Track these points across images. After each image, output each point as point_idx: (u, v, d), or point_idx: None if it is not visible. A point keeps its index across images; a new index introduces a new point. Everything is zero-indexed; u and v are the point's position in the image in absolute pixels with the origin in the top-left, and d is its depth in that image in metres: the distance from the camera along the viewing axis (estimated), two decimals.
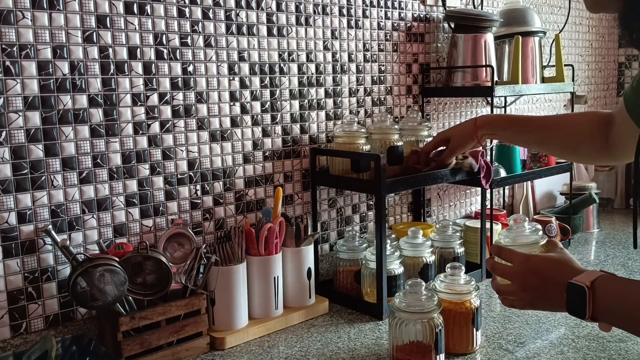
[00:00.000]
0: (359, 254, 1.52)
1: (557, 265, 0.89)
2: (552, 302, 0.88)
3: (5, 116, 1.12)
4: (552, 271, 0.88)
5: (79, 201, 1.23)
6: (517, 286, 0.92)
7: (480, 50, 1.81)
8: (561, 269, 0.88)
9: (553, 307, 0.89)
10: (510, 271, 0.93)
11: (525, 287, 0.91)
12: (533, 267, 0.90)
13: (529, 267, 0.90)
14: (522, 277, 0.91)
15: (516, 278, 0.92)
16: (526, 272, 0.90)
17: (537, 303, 0.91)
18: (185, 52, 1.35)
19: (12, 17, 1.12)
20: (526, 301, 0.92)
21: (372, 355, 1.24)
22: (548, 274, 0.88)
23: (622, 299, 0.79)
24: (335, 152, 1.55)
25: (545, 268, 0.89)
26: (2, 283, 1.15)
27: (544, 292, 0.88)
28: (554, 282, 0.87)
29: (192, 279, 1.27)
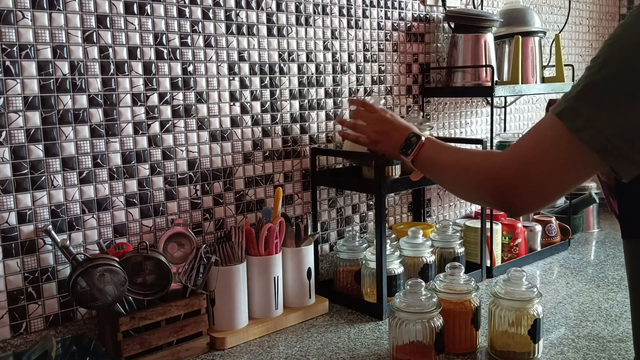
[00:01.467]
0: (359, 254, 1.52)
1: (404, 122, 1.25)
2: (391, 143, 1.21)
3: (5, 116, 1.13)
4: (401, 123, 1.24)
5: (79, 201, 1.23)
6: (372, 127, 1.28)
7: (480, 50, 1.81)
8: (407, 124, 1.23)
9: (388, 147, 1.23)
10: (371, 117, 1.30)
11: (377, 128, 1.27)
12: (389, 117, 1.27)
13: (387, 116, 1.27)
14: (378, 121, 1.27)
15: (373, 121, 1.29)
16: (383, 118, 1.27)
17: (380, 142, 1.26)
18: (185, 52, 1.35)
19: (12, 17, 1.12)
20: (373, 138, 1.28)
21: (372, 355, 1.24)
22: (398, 124, 1.24)
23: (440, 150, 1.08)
24: (335, 152, 1.55)
25: (397, 120, 1.26)
26: (2, 283, 1.15)
27: (389, 135, 1.23)
28: (401, 129, 1.21)
29: (192, 279, 1.27)
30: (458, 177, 0.99)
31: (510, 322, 1.21)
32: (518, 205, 0.84)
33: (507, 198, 0.84)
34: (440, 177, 1.08)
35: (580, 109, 0.74)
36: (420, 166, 1.13)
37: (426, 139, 1.12)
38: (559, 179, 0.79)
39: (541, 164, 0.79)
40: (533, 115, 2.39)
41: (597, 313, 1.43)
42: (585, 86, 0.74)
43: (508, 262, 1.76)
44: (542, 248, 1.90)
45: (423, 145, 1.11)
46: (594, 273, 1.72)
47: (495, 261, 1.73)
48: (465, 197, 1.02)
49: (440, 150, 1.09)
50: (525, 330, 1.20)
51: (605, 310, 1.44)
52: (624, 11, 2.84)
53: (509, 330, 1.21)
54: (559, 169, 0.78)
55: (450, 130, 2.03)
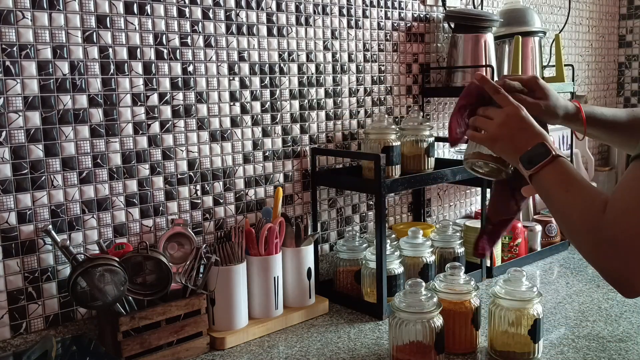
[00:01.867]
0: (359, 254, 1.52)
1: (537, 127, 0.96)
2: (512, 147, 0.95)
3: (5, 116, 1.12)
4: (534, 126, 0.95)
5: (79, 201, 1.23)
6: (497, 123, 0.97)
7: (480, 50, 1.81)
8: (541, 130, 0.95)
9: (507, 151, 0.97)
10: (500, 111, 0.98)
11: (503, 125, 0.97)
12: (523, 116, 0.96)
13: (519, 113, 0.97)
14: (507, 117, 0.97)
15: (502, 117, 0.97)
16: (514, 115, 0.96)
17: (502, 141, 0.97)
18: (185, 52, 1.35)
19: (12, 17, 1.12)
20: (494, 135, 0.98)
21: (372, 355, 1.24)
22: (530, 126, 0.95)
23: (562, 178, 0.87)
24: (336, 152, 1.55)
25: (530, 123, 0.96)
26: (2, 283, 1.15)
27: (514, 136, 0.95)
28: (530, 133, 0.94)
29: (192, 279, 1.27)
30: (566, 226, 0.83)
31: (510, 322, 1.21)
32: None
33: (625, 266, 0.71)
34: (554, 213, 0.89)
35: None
36: (537, 187, 0.92)
37: (557, 158, 0.90)
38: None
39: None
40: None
41: (597, 313, 1.43)
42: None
43: (508, 262, 1.76)
44: (542, 248, 1.90)
45: (550, 163, 0.90)
46: (594, 273, 1.72)
47: (495, 261, 1.73)
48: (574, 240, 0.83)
49: (563, 177, 0.88)
50: (525, 330, 1.20)
51: (605, 310, 1.44)
52: (624, 11, 2.84)
53: (509, 330, 1.21)
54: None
55: None
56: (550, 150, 0.90)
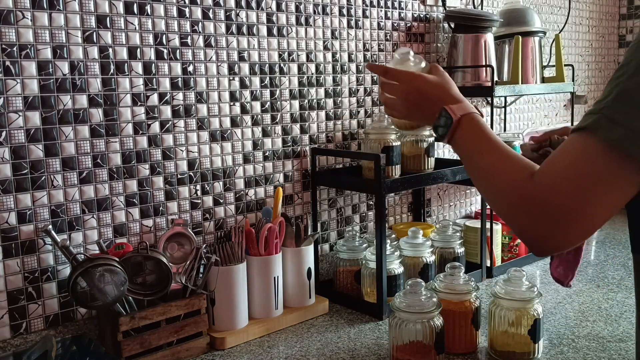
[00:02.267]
0: (359, 254, 1.52)
1: (437, 88, 0.99)
2: (425, 118, 0.99)
3: (5, 116, 1.13)
4: (431, 94, 0.98)
5: (79, 201, 1.23)
6: (400, 100, 1.03)
7: (480, 50, 1.81)
8: (440, 93, 0.98)
9: (424, 122, 1.02)
10: (396, 88, 1.03)
11: (406, 102, 1.02)
12: (416, 87, 1.00)
13: (412, 86, 1.01)
14: (405, 94, 1.02)
15: (401, 94, 1.02)
16: (409, 90, 1.01)
17: (413, 116, 1.03)
18: (185, 52, 1.35)
19: (12, 17, 1.12)
20: (404, 113, 1.04)
21: (372, 355, 1.24)
22: (428, 95, 0.98)
23: (475, 140, 0.89)
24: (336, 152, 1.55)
25: (426, 89, 0.99)
26: (2, 283, 1.15)
27: (420, 108, 1.00)
28: (432, 101, 0.97)
29: (192, 279, 1.27)
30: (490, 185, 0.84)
31: (510, 322, 1.21)
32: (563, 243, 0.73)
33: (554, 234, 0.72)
34: (472, 174, 0.90)
35: (618, 117, 0.66)
36: (458, 154, 0.93)
37: (463, 118, 0.90)
38: (606, 200, 0.69)
39: (584, 186, 0.69)
40: (533, 115, 2.39)
41: (597, 313, 1.43)
42: (618, 94, 0.67)
43: (508, 262, 1.76)
44: None
45: (457, 127, 0.91)
46: (594, 273, 1.72)
47: (495, 261, 1.73)
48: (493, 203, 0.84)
49: (476, 139, 0.88)
50: (525, 330, 1.20)
51: (605, 310, 1.44)
52: (623, 11, 2.84)
53: (509, 330, 1.21)
54: (605, 187, 0.68)
55: None
56: (450, 115, 0.91)
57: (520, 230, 0.77)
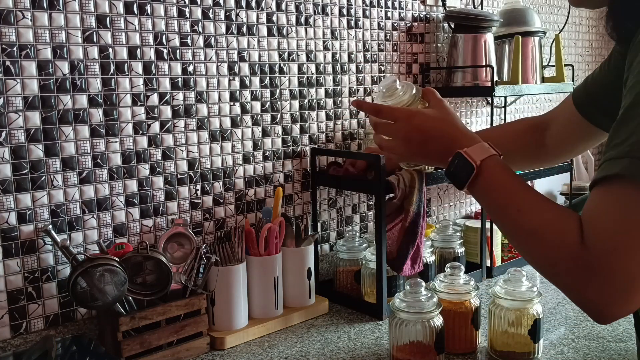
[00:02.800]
0: (359, 254, 1.52)
1: (440, 123, 0.88)
2: (431, 159, 0.89)
3: (5, 116, 1.12)
4: (435, 130, 0.88)
5: (79, 201, 1.23)
6: (401, 142, 0.90)
7: (480, 50, 1.81)
8: (445, 128, 0.88)
9: (431, 163, 0.93)
10: (393, 129, 0.91)
11: (408, 143, 0.90)
12: (417, 125, 0.88)
13: (412, 125, 0.89)
14: (405, 135, 0.90)
15: (399, 135, 0.91)
16: (410, 130, 0.89)
17: (417, 157, 0.92)
18: (185, 52, 1.35)
19: (12, 17, 1.12)
20: (407, 155, 0.93)
21: (372, 355, 1.24)
22: (432, 132, 0.88)
23: (503, 191, 0.78)
24: (336, 152, 1.55)
25: (429, 126, 0.88)
26: (2, 283, 1.15)
27: (425, 148, 0.88)
28: (437, 140, 0.87)
29: (192, 279, 1.27)
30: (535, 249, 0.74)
31: (510, 322, 1.21)
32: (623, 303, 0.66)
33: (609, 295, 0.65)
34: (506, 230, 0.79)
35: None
36: (482, 205, 0.85)
37: (484, 164, 0.79)
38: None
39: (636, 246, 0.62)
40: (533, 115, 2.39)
41: None
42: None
43: (508, 262, 1.76)
44: None
45: (479, 174, 0.80)
46: None
47: (495, 261, 1.73)
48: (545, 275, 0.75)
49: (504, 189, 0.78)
50: (525, 330, 1.20)
51: None
52: None
53: (509, 330, 1.21)
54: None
55: None
56: (469, 161, 0.80)
57: (580, 299, 0.69)
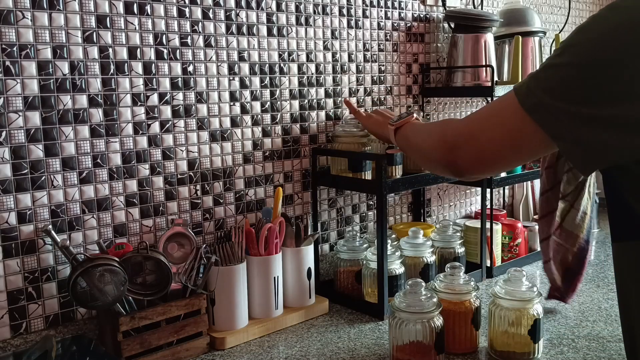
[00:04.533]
0: (359, 254, 1.52)
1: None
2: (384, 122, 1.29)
3: (5, 116, 1.12)
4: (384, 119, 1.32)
5: (79, 201, 1.23)
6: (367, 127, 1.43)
7: (480, 50, 1.81)
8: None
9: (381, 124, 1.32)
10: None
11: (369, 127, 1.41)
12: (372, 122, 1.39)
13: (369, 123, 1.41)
14: (368, 127, 1.42)
15: (367, 125, 1.42)
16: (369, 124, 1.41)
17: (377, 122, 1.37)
18: (185, 52, 1.35)
19: (12, 17, 1.12)
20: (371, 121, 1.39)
21: (372, 355, 1.24)
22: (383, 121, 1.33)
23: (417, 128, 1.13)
24: (336, 152, 1.54)
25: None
26: (2, 283, 1.15)
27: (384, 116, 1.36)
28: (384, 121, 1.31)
29: (192, 279, 1.27)
30: (423, 142, 1.04)
31: (510, 322, 1.21)
32: (461, 164, 0.88)
33: (452, 157, 0.89)
34: (412, 145, 1.12)
35: (534, 87, 0.76)
36: (400, 136, 1.17)
37: (416, 118, 1.18)
38: (505, 149, 0.82)
39: (490, 131, 0.83)
40: None
41: (597, 313, 1.43)
42: (543, 66, 0.76)
43: (508, 262, 1.76)
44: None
45: (410, 120, 1.17)
46: (594, 273, 1.72)
47: (495, 261, 1.73)
48: (424, 160, 1.08)
49: (421, 123, 1.14)
50: (525, 330, 1.20)
51: (605, 310, 1.44)
52: None
53: (509, 330, 1.21)
54: (506, 139, 0.81)
55: None
56: (412, 113, 1.21)
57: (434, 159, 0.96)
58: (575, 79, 0.71)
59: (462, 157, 0.88)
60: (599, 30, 0.71)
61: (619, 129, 0.68)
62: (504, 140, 0.82)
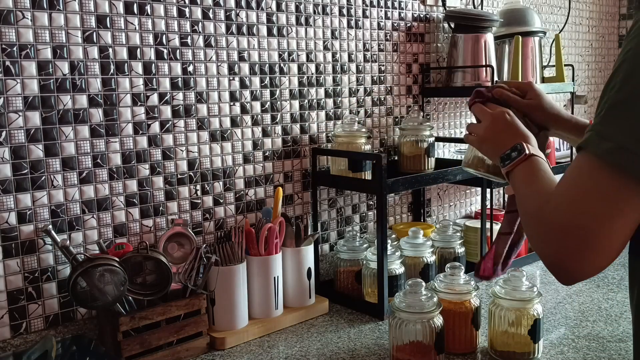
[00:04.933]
0: (359, 254, 1.52)
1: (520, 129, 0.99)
2: (494, 149, 0.99)
3: (5, 116, 1.12)
4: (517, 129, 0.99)
5: (79, 201, 1.23)
6: (485, 124, 1.03)
7: (480, 50, 1.81)
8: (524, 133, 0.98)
9: (490, 153, 1.02)
10: (489, 113, 1.04)
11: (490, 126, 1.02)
12: (506, 119, 1.01)
13: (505, 118, 1.01)
14: (494, 119, 1.02)
15: (489, 117, 1.03)
16: (499, 118, 1.02)
17: (486, 143, 1.03)
18: (185, 52, 1.35)
19: (12, 17, 1.12)
20: (481, 139, 1.03)
21: (372, 355, 1.24)
22: (513, 128, 0.99)
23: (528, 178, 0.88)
24: (336, 152, 1.55)
25: (515, 125, 1.00)
26: (2, 283, 1.15)
27: (497, 138, 0.99)
28: (511, 135, 0.97)
29: (192, 279, 1.27)
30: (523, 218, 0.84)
31: (510, 322, 1.21)
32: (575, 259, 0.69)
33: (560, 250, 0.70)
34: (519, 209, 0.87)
35: (606, 131, 0.65)
36: (511, 184, 0.94)
37: (531, 156, 0.90)
38: (614, 223, 0.66)
39: (589, 203, 0.67)
40: None
41: (597, 313, 1.43)
42: (608, 108, 0.66)
43: None
44: None
45: (523, 162, 0.90)
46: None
47: None
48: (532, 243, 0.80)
49: (531, 174, 0.88)
50: (525, 330, 1.20)
51: (605, 310, 1.44)
52: (623, 11, 2.84)
53: (509, 330, 1.21)
54: (608, 203, 0.66)
55: (450, 130, 2.03)
56: (524, 149, 0.91)
57: (542, 256, 0.74)
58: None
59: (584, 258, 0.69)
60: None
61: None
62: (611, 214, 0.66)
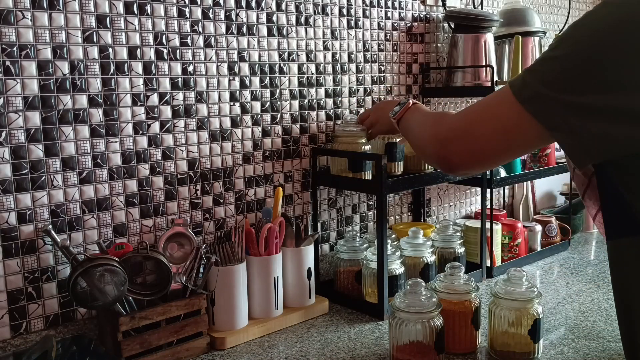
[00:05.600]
0: (359, 254, 1.52)
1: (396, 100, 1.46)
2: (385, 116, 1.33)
3: (5, 116, 1.13)
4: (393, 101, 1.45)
5: (79, 201, 1.23)
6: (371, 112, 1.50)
7: (480, 50, 1.81)
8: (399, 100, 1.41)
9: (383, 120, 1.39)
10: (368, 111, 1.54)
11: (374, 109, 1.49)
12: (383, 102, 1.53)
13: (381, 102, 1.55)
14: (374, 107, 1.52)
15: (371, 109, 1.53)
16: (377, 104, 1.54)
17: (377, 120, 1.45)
18: (185, 52, 1.35)
19: (12, 17, 1.12)
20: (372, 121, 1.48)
21: (372, 355, 1.24)
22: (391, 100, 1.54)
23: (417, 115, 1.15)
24: (336, 152, 1.54)
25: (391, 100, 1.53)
26: (2, 283, 1.15)
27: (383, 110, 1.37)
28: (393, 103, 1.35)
29: (192, 279, 1.27)
30: (419, 134, 1.05)
31: (510, 322, 1.21)
32: (453, 160, 0.89)
33: (444, 152, 0.90)
34: (411, 136, 1.13)
35: (530, 80, 0.77)
36: (402, 127, 1.18)
37: (415, 104, 1.18)
38: (498, 144, 0.83)
39: (483, 125, 0.84)
40: None
41: (597, 313, 1.43)
42: (539, 60, 0.77)
43: (508, 262, 1.76)
44: (542, 248, 1.90)
45: (409, 107, 1.17)
46: (594, 273, 1.72)
47: (495, 261, 1.73)
48: (420, 154, 1.08)
49: (420, 111, 1.15)
50: (525, 330, 1.20)
51: (605, 310, 1.44)
52: None
53: (509, 330, 1.21)
54: (500, 133, 0.81)
55: None
56: (408, 101, 1.19)
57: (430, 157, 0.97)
58: (571, 70, 0.73)
59: (455, 153, 0.88)
60: (594, 24, 0.73)
61: (614, 119, 0.70)
62: (497, 135, 0.82)
